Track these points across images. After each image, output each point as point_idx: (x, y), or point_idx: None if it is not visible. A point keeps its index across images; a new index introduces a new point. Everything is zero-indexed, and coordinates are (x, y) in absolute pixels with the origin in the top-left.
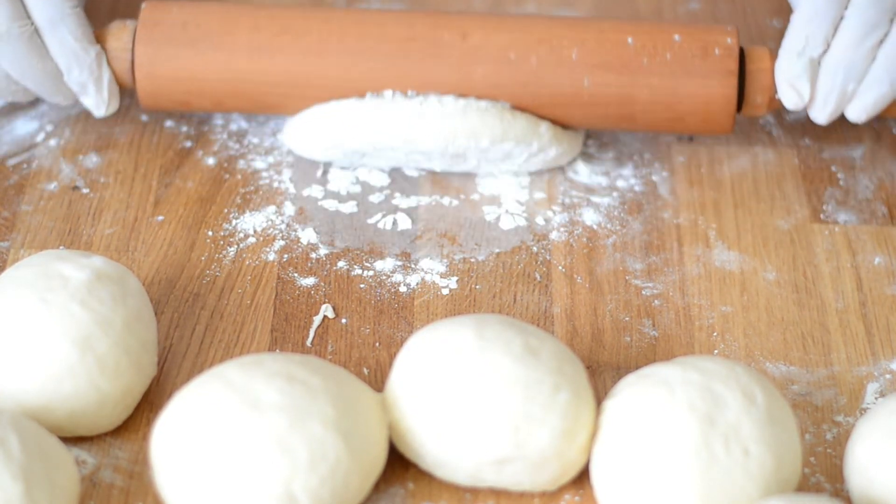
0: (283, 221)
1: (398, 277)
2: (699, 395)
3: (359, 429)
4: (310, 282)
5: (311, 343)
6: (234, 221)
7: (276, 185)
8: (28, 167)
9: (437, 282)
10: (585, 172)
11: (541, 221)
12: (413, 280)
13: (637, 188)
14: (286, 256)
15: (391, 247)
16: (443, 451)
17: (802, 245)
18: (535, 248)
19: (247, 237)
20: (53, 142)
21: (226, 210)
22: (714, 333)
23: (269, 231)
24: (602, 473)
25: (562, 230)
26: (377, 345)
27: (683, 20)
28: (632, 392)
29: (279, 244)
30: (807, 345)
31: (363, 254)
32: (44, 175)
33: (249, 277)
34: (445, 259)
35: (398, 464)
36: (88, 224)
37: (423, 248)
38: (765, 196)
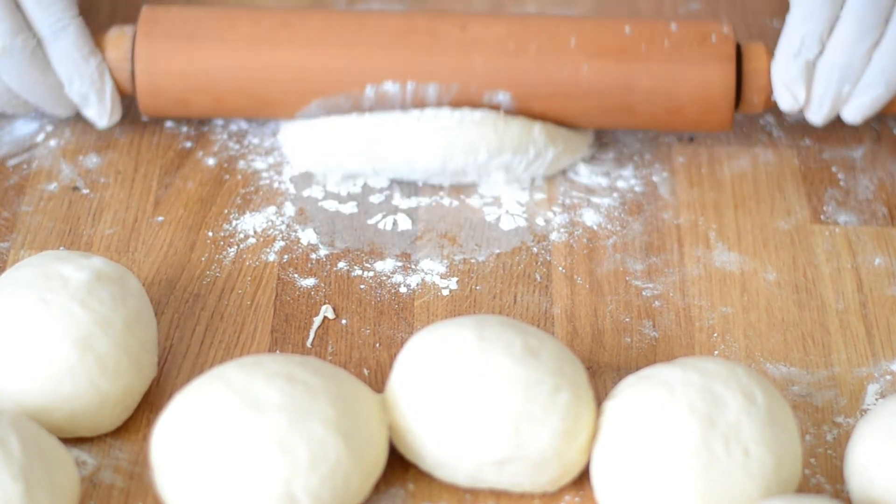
0: (284, 222)
1: (398, 278)
2: (699, 396)
3: (359, 429)
4: (310, 282)
5: (312, 344)
6: (235, 222)
7: (277, 186)
8: (28, 167)
9: (438, 282)
10: (585, 173)
11: (541, 222)
12: (413, 281)
13: (637, 189)
14: (286, 257)
15: (391, 247)
16: (443, 452)
17: (803, 246)
18: (536, 249)
19: (247, 238)
20: (53, 142)
21: (226, 210)
22: (714, 334)
23: (270, 232)
24: (602, 474)
25: (562, 231)
26: (377, 345)
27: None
28: (632, 393)
29: (279, 245)
30: (807, 346)
31: (363, 254)
32: (44, 175)
33: (249, 278)
34: (445, 260)
35: (398, 464)
36: (88, 224)
37: (424, 249)
38: (765, 197)
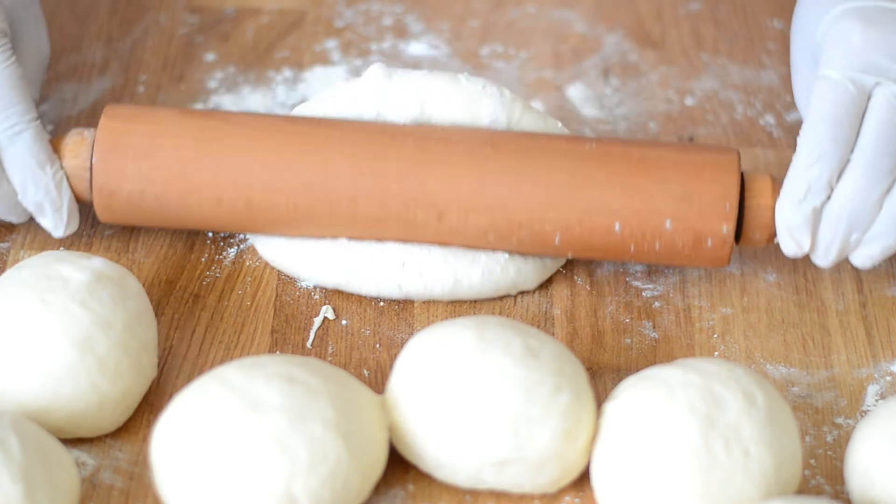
0: None
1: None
2: (699, 397)
3: (359, 430)
4: (310, 283)
5: (312, 345)
6: None
7: None
8: None
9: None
10: None
11: None
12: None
13: None
14: None
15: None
16: (443, 453)
17: None
18: None
19: (247, 238)
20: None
21: None
22: (714, 335)
23: None
24: (602, 475)
25: None
26: (377, 346)
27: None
28: (632, 394)
29: None
30: (807, 346)
31: None
32: None
33: (250, 279)
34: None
35: (398, 465)
36: (88, 225)
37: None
38: None
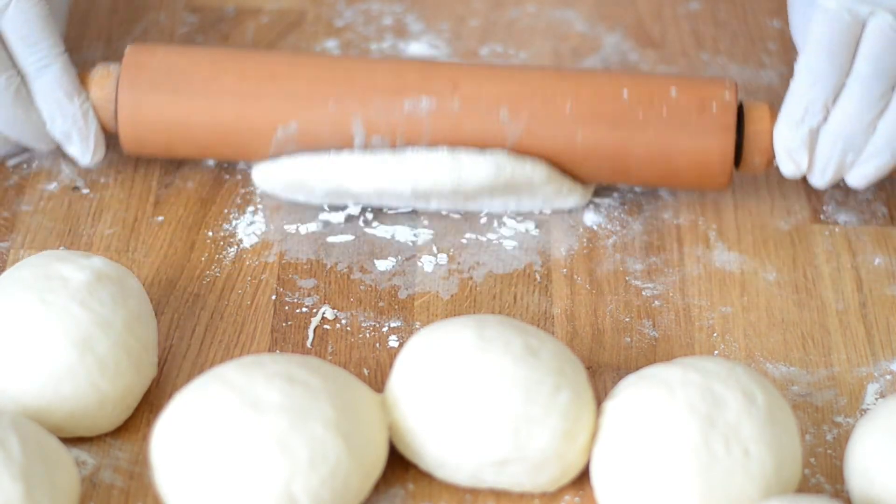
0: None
1: (398, 278)
2: (699, 396)
3: (359, 429)
4: (310, 283)
5: (312, 344)
6: (234, 222)
7: None
8: (28, 167)
9: (438, 282)
10: None
11: (541, 221)
12: (413, 280)
13: (637, 188)
14: (286, 257)
15: (391, 246)
16: (443, 452)
17: (802, 246)
18: (536, 249)
19: (245, 239)
20: None
21: (226, 210)
22: (714, 334)
23: (269, 232)
24: (602, 474)
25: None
26: (377, 345)
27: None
28: (632, 393)
29: (279, 245)
30: (807, 345)
31: (363, 254)
32: (44, 175)
33: (250, 278)
34: (446, 258)
35: (398, 464)
36: (88, 224)
37: (424, 248)
38: (765, 196)
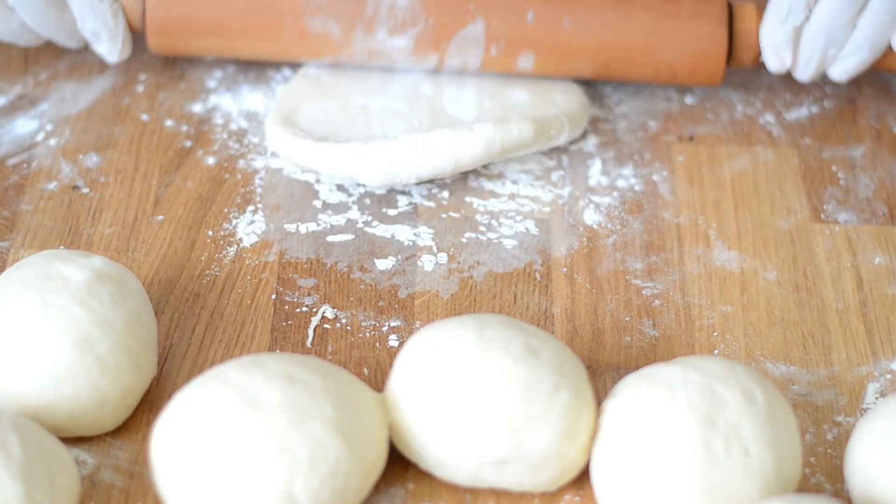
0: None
1: (398, 278)
2: (699, 396)
3: (359, 429)
4: (310, 282)
5: (312, 343)
6: (234, 221)
7: None
8: (28, 167)
9: (438, 281)
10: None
11: (542, 221)
12: (413, 280)
13: (637, 188)
14: (286, 256)
15: (391, 245)
16: (443, 452)
17: (803, 245)
18: (536, 248)
19: (244, 239)
20: (53, 141)
21: (226, 210)
22: (714, 333)
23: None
24: (602, 474)
25: (562, 230)
26: (377, 345)
27: None
28: (632, 392)
29: (279, 244)
30: (807, 345)
31: (363, 253)
32: (44, 175)
33: (250, 277)
34: (446, 257)
35: (398, 464)
36: (88, 224)
37: (424, 247)
38: (765, 196)
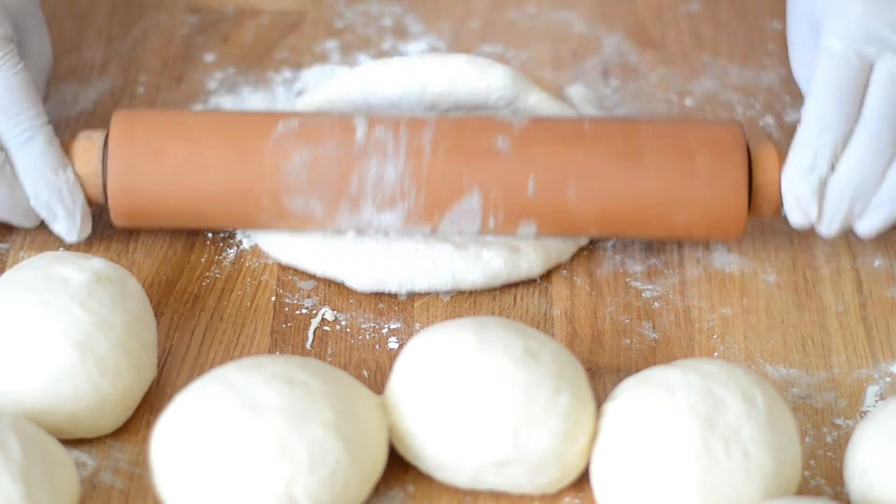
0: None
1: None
2: (699, 398)
3: (359, 431)
4: (309, 284)
5: (311, 345)
6: None
7: None
8: None
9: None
10: None
11: None
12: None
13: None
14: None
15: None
16: (443, 454)
17: (802, 247)
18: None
19: (243, 241)
20: None
21: None
22: (714, 336)
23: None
24: (602, 476)
25: None
26: (377, 347)
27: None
28: (632, 395)
29: None
30: (807, 347)
31: None
32: None
33: (249, 279)
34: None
35: (398, 466)
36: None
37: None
38: None
